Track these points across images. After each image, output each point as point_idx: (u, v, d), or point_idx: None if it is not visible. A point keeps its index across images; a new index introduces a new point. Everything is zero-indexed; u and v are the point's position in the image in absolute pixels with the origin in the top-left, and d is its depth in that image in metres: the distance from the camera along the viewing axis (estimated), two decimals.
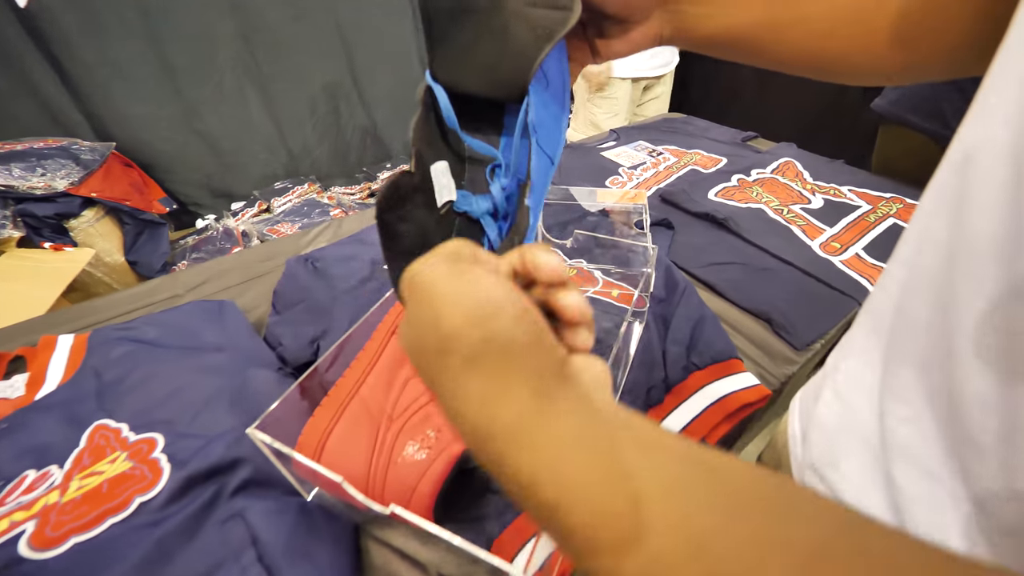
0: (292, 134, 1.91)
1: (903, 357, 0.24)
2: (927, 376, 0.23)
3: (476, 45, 0.27)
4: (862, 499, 0.27)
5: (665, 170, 1.02)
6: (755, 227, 0.82)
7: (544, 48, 0.25)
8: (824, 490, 0.30)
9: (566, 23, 0.25)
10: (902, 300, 0.25)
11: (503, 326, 0.17)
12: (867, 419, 0.27)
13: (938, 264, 0.22)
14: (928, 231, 0.24)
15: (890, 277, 0.28)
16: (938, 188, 0.24)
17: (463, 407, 0.17)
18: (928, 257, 0.23)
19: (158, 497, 0.38)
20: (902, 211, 0.86)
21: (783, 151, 1.09)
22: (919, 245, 0.25)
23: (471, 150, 0.30)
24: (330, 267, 0.65)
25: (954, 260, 0.21)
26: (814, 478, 0.31)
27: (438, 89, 0.27)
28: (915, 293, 0.24)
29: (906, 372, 0.24)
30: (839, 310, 0.66)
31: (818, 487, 0.31)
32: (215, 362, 0.49)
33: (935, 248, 0.23)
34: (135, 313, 0.61)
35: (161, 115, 1.62)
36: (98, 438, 0.43)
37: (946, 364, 0.21)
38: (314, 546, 0.36)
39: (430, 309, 0.17)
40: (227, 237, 1.60)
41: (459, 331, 0.16)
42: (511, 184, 0.30)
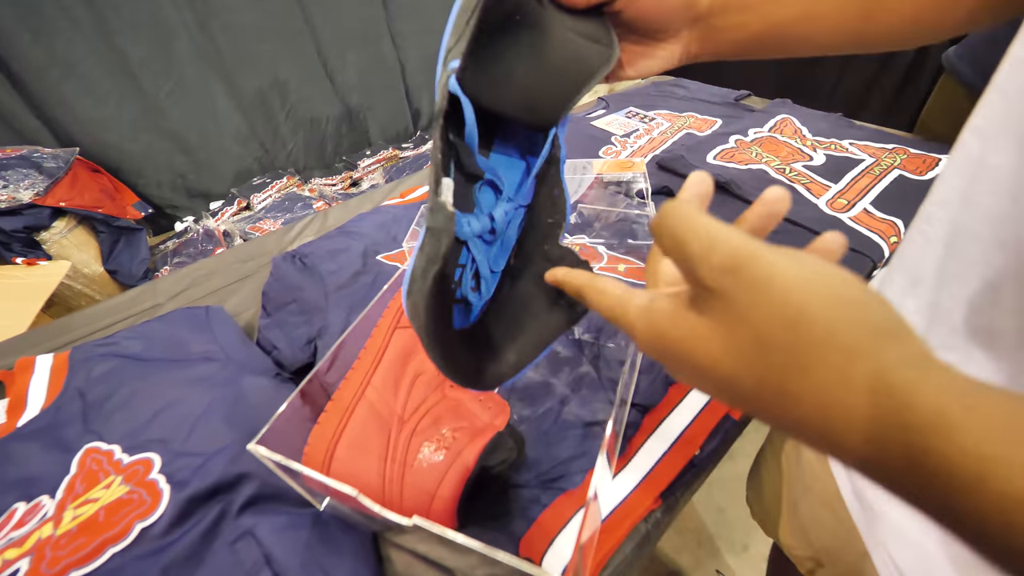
0: (263, 126, 1.83)
1: (953, 300, 0.23)
2: (983, 317, 0.21)
3: (517, 64, 0.27)
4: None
5: (659, 136, 0.98)
6: (759, 189, 0.79)
7: (584, 88, 0.25)
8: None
9: (607, 64, 0.26)
10: (953, 241, 0.24)
11: (895, 321, 0.15)
12: None
13: (998, 199, 0.21)
14: (984, 166, 0.22)
15: (929, 220, 0.26)
16: (996, 114, 0.22)
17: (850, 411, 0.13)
18: (985, 193, 0.22)
19: (160, 521, 0.35)
20: (906, 161, 0.84)
21: (778, 108, 1.06)
22: (970, 183, 0.23)
23: (473, 167, 0.27)
24: (319, 263, 0.61)
25: (1019, 193, 0.20)
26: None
27: (466, 104, 0.25)
28: (969, 233, 0.23)
29: (956, 315, 0.23)
30: (852, 269, 0.63)
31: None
32: (206, 373, 0.46)
33: (994, 183, 0.21)
34: (116, 326, 0.58)
35: (123, 115, 1.53)
36: (90, 463, 0.41)
37: (1015, 303, 0.20)
38: (332, 560, 0.34)
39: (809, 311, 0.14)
40: (208, 238, 1.55)
41: (863, 343, 0.14)
42: (514, 209, 0.29)
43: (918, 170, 0.81)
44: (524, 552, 0.36)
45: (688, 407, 0.46)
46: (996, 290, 0.21)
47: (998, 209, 0.21)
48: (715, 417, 0.46)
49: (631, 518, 0.39)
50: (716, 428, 0.45)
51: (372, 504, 0.29)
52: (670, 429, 0.44)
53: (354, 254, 0.63)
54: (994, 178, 0.21)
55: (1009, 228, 0.20)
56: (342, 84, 1.93)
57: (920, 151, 0.86)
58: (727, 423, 0.46)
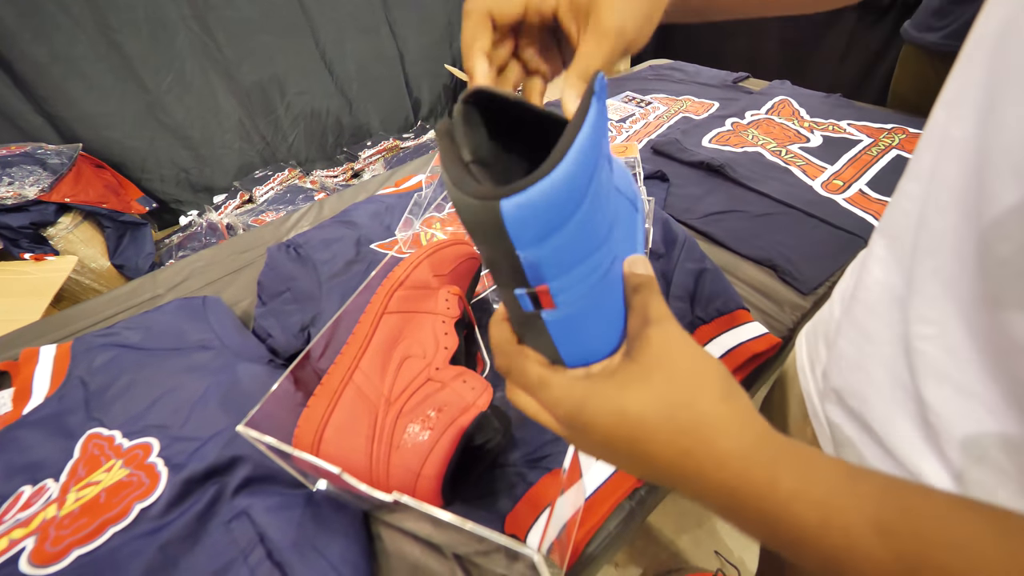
0: (263, 119, 1.83)
1: (928, 273, 0.23)
2: (955, 288, 0.22)
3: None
4: (889, 423, 0.25)
5: (655, 120, 0.97)
6: (753, 172, 0.79)
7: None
8: (847, 419, 0.29)
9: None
10: (924, 214, 0.24)
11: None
12: (891, 343, 0.26)
13: (961, 171, 0.21)
14: (948, 139, 0.22)
15: (905, 195, 0.27)
16: (960, 87, 0.22)
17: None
18: (951, 166, 0.22)
19: (158, 502, 0.36)
20: (905, 141, 0.83)
21: (777, 90, 1.04)
22: (937, 156, 0.23)
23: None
24: (313, 252, 0.62)
25: (980, 164, 0.20)
26: (836, 408, 0.30)
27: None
28: (937, 206, 0.23)
29: (931, 288, 0.23)
30: (845, 250, 0.64)
31: (840, 417, 0.30)
32: (202, 360, 0.47)
33: (958, 156, 0.21)
34: (116, 317, 0.59)
35: (125, 111, 1.54)
36: (92, 448, 0.42)
37: (978, 273, 0.20)
38: (324, 538, 0.35)
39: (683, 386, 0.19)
40: (212, 232, 1.56)
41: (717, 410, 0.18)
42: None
43: None
44: (510, 529, 0.37)
45: None
46: (963, 261, 0.21)
47: (962, 182, 0.21)
48: None
49: (615, 495, 0.39)
50: None
51: (357, 483, 0.30)
52: None
53: (348, 243, 0.64)
54: (957, 151, 0.21)
55: (971, 200, 0.21)
56: (341, 75, 1.93)
57: (919, 130, 0.84)
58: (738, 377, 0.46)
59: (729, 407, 0.18)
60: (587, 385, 0.20)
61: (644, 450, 0.18)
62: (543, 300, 0.19)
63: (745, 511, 0.17)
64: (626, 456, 0.19)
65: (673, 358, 0.19)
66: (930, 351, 0.23)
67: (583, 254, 0.18)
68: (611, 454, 0.20)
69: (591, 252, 0.19)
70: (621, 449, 0.19)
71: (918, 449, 0.24)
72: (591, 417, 0.19)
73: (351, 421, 0.35)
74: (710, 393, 0.18)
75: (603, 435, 0.19)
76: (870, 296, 0.28)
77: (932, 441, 0.23)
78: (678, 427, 0.18)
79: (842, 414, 0.30)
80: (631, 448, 0.19)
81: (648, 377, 0.19)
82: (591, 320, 0.21)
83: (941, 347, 0.23)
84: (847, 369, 0.30)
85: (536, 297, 0.19)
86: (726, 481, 0.17)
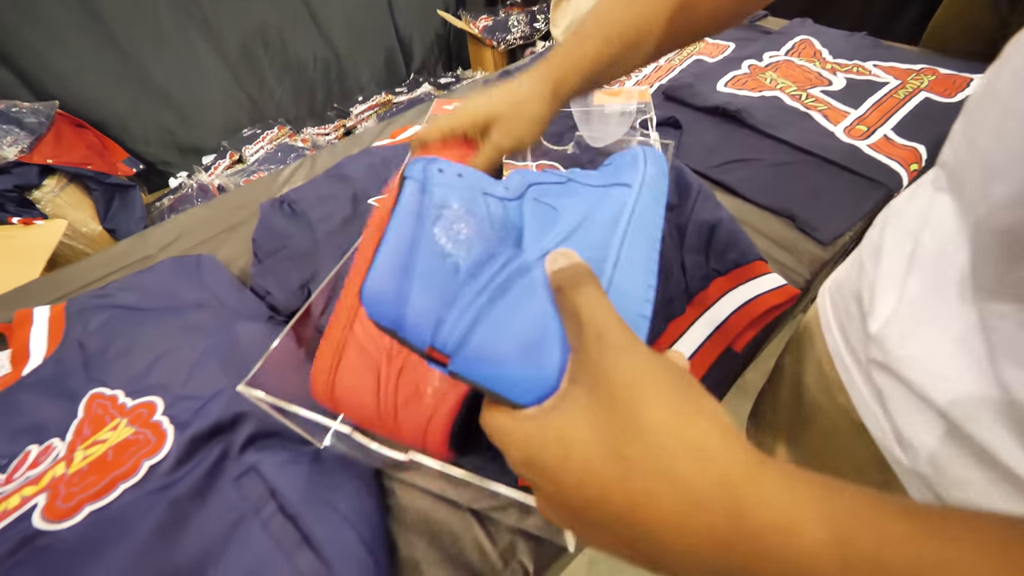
0: (248, 75, 1.73)
1: (1005, 246, 0.21)
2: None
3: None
4: (956, 400, 0.24)
5: (666, 63, 0.91)
6: (771, 118, 0.74)
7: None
8: (901, 389, 0.27)
9: None
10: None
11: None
12: (960, 317, 0.23)
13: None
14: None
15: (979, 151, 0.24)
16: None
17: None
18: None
19: (167, 459, 0.36)
20: (934, 83, 0.77)
21: (797, 28, 0.97)
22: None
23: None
24: (308, 209, 0.59)
25: None
26: (886, 377, 0.28)
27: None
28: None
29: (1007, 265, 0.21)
30: (867, 198, 0.61)
31: (893, 387, 0.28)
32: (200, 320, 0.46)
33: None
34: (108, 278, 0.57)
35: (102, 69, 1.45)
36: (95, 407, 0.41)
37: None
38: (336, 492, 0.35)
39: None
40: (203, 193, 1.52)
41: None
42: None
43: (947, 92, 0.75)
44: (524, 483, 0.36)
45: (686, 344, 0.45)
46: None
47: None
48: (715, 352, 0.45)
49: None
50: (716, 363, 0.45)
51: (368, 441, 0.29)
52: None
53: (344, 200, 0.61)
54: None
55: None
56: (327, 26, 1.81)
57: (951, 71, 0.79)
58: (728, 356, 0.45)
59: (691, 425, 0.14)
60: (533, 422, 0.17)
61: (595, 496, 0.15)
62: (435, 356, 0.19)
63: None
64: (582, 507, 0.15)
65: (610, 373, 0.15)
66: (1006, 329, 0.21)
67: (444, 295, 0.20)
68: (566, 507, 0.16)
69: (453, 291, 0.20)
70: (574, 499, 0.15)
71: (998, 434, 0.22)
72: (536, 453, 0.16)
73: (356, 376, 0.34)
74: (661, 411, 0.15)
75: (551, 482, 0.16)
76: (935, 259, 0.26)
77: (1015, 426, 0.21)
78: (624, 460, 0.14)
79: (896, 385, 0.27)
80: (582, 498, 0.15)
81: (585, 401, 0.16)
82: (507, 349, 0.18)
83: (1017, 326, 0.21)
84: (905, 337, 0.27)
85: (431, 358, 0.19)
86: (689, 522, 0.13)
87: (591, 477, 0.15)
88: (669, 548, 0.14)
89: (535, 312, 0.19)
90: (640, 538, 0.14)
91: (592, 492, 0.15)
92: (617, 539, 0.15)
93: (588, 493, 0.15)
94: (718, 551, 0.13)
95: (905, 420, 0.27)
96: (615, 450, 0.14)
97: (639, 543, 0.15)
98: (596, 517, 0.15)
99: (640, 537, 0.14)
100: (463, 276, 0.20)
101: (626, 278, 0.21)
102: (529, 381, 0.18)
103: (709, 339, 0.45)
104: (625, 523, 0.14)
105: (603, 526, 0.15)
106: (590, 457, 0.15)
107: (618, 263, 0.22)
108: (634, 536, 0.15)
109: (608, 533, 0.15)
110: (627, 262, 0.22)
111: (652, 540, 0.14)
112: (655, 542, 0.14)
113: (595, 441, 0.15)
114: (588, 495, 0.15)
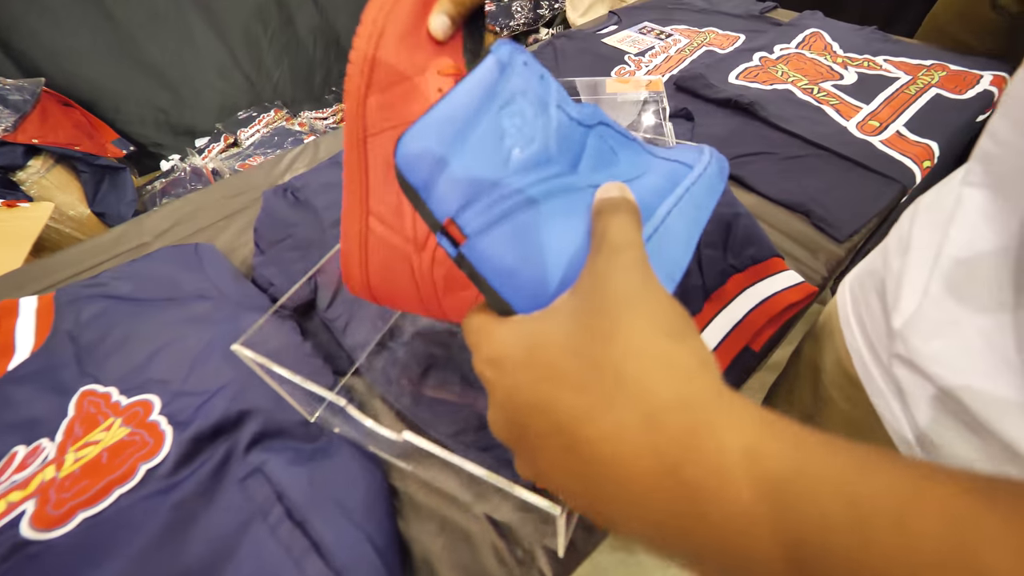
0: (245, 56, 1.68)
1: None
2: None
3: None
4: (982, 397, 0.23)
5: (677, 54, 0.89)
6: (784, 111, 0.73)
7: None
8: (924, 385, 0.26)
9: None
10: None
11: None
12: (991, 311, 0.23)
13: None
14: None
15: (1013, 147, 0.23)
16: None
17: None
18: None
19: (165, 462, 0.34)
20: (945, 79, 0.76)
21: (807, 21, 0.96)
22: None
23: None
24: (313, 197, 0.57)
25: None
26: (908, 373, 0.27)
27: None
28: None
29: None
30: (882, 195, 0.60)
31: (915, 384, 0.27)
32: (201, 311, 0.44)
33: None
34: (101, 267, 0.55)
35: (95, 46, 1.40)
36: (87, 405, 0.39)
37: None
38: (344, 490, 0.34)
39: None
40: (197, 177, 1.48)
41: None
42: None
43: (957, 88, 0.74)
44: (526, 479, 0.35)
45: (708, 338, 0.44)
46: None
47: None
48: (734, 350, 0.44)
49: None
50: (734, 361, 0.44)
51: (362, 417, 0.27)
52: None
53: None
54: None
55: None
56: (328, 5, 1.76)
57: (961, 67, 0.78)
58: (747, 355, 0.44)
59: (673, 345, 0.13)
60: (514, 323, 0.16)
61: (548, 398, 0.13)
62: (452, 232, 0.18)
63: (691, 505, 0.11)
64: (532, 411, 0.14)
65: (610, 284, 0.14)
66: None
67: (487, 177, 0.18)
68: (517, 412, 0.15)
69: (499, 177, 0.18)
70: (526, 400, 0.14)
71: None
72: (504, 348, 0.15)
73: (389, 272, 0.31)
74: (646, 324, 0.13)
75: (513, 372, 0.15)
76: (966, 255, 0.25)
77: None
78: (591, 361, 0.13)
79: (920, 382, 0.27)
80: (534, 399, 0.14)
81: (575, 305, 0.15)
82: (526, 254, 0.18)
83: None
84: (932, 334, 0.26)
85: (447, 233, 0.18)
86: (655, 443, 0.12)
87: (550, 373, 0.14)
88: (610, 477, 0.12)
89: (568, 232, 0.18)
90: (583, 462, 0.13)
91: (546, 392, 0.14)
92: (558, 464, 0.14)
93: (542, 393, 0.14)
94: (661, 482, 0.11)
95: (926, 417, 0.27)
96: (584, 350, 0.13)
97: (580, 470, 0.13)
98: (543, 427, 0.14)
99: (584, 461, 0.13)
100: (513, 166, 0.19)
101: (664, 242, 0.20)
102: (534, 291, 0.17)
103: (728, 337, 0.44)
104: (569, 437, 0.13)
105: (547, 442, 0.14)
106: (556, 355, 0.14)
107: (660, 228, 0.20)
108: (577, 461, 0.13)
109: (551, 454, 0.14)
110: (668, 232, 0.21)
111: (594, 465, 0.13)
112: (597, 467, 0.12)
113: (568, 341, 0.14)
114: (541, 396, 0.14)
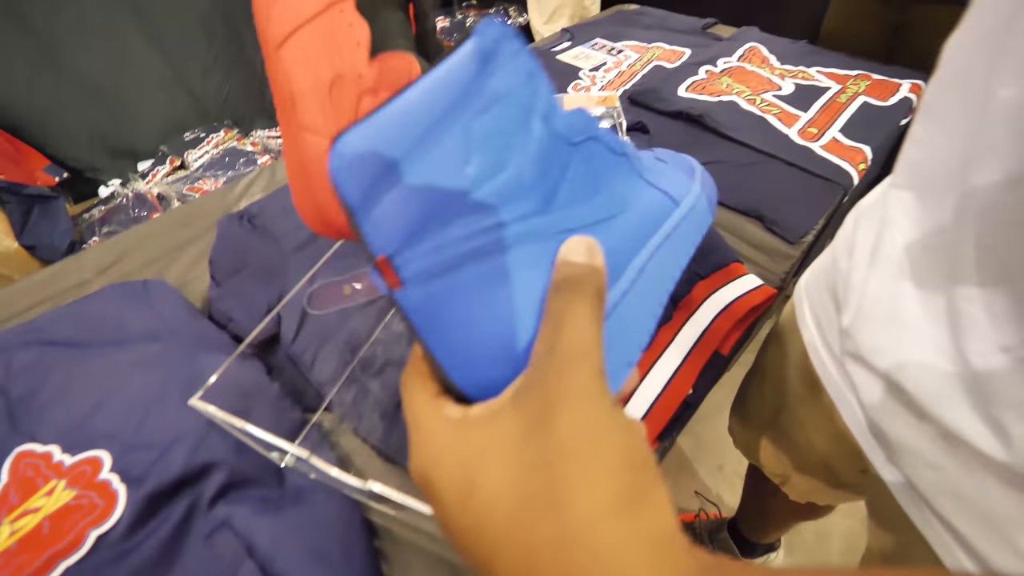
0: (189, 70, 1.60)
1: (971, 236, 0.22)
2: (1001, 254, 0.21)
3: None
4: (925, 386, 0.24)
5: (629, 69, 0.92)
6: (731, 121, 0.77)
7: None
8: (874, 380, 0.28)
9: None
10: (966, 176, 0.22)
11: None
12: (927, 303, 0.24)
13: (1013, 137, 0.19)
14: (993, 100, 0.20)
15: (933, 148, 0.25)
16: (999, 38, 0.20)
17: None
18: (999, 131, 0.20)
19: (118, 526, 0.31)
20: (870, 88, 0.83)
21: (746, 36, 1.01)
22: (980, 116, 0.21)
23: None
24: (271, 223, 0.55)
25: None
26: (860, 369, 0.29)
27: None
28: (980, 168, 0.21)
29: (973, 251, 0.22)
30: (825, 196, 0.64)
31: (865, 378, 0.29)
32: (151, 354, 0.41)
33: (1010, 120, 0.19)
34: (36, 309, 0.50)
35: (13, 62, 1.29)
36: (24, 468, 0.35)
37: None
38: (321, 539, 0.32)
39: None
40: (141, 203, 1.39)
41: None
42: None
43: (882, 95, 0.81)
44: None
45: (676, 350, 0.45)
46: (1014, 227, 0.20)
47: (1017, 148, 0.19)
48: (704, 356, 0.46)
49: None
50: (706, 367, 0.45)
51: (327, 467, 0.25)
52: (662, 370, 0.43)
53: None
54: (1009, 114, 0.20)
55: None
56: None
57: (883, 76, 0.85)
58: (717, 360, 0.46)
59: (628, 523, 0.12)
60: (454, 432, 0.14)
61: (486, 560, 0.13)
62: (384, 272, 0.15)
63: None
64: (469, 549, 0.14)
65: (561, 419, 0.13)
66: (974, 312, 0.22)
67: (440, 209, 0.15)
68: (454, 538, 0.14)
69: (454, 211, 0.15)
70: (464, 539, 0.14)
71: (964, 414, 0.23)
72: (440, 478, 0.14)
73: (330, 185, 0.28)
74: (600, 491, 0.12)
75: (445, 514, 0.14)
76: (899, 252, 0.27)
77: (979, 406, 0.22)
78: (538, 538, 0.12)
79: (868, 375, 0.29)
80: (471, 542, 0.13)
81: (520, 431, 0.13)
82: (473, 318, 0.15)
83: (984, 308, 0.21)
84: (874, 328, 0.28)
85: (379, 270, 0.15)
86: None
87: (489, 528, 0.13)
88: None
89: (527, 294, 0.16)
90: None
91: (484, 555, 0.13)
92: None
93: (480, 554, 0.13)
94: None
95: (876, 408, 0.28)
96: (524, 519, 0.12)
97: None
98: (480, 565, 0.13)
99: None
100: (476, 198, 0.15)
101: (631, 311, 0.19)
102: (479, 367, 0.15)
103: (697, 344, 0.45)
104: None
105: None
106: (496, 509, 0.13)
107: (630, 291, 0.19)
108: None
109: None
110: (638, 295, 0.19)
111: None
112: None
113: (508, 494, 0.13)
114: (479, 556, 0.13)
